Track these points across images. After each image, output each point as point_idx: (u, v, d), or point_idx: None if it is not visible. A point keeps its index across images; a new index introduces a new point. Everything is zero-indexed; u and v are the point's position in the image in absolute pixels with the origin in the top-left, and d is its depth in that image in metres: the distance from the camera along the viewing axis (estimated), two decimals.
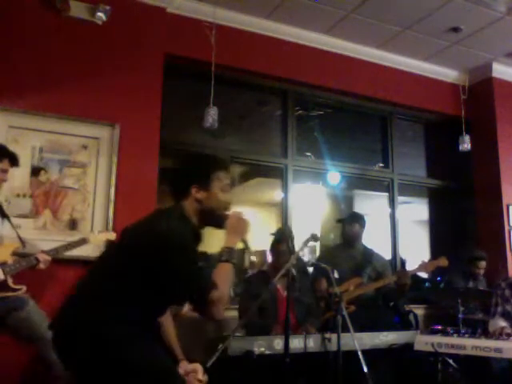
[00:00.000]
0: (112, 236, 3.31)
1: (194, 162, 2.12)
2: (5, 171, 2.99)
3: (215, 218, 2.01)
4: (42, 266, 2.92)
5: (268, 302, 3.54)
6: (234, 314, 3.75)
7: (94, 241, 3.24)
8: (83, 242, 3.18)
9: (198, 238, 1.99)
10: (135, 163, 3.83)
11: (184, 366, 2.18)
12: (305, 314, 3.62)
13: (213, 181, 2.00)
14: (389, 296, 4.18)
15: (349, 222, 4.24)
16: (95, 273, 1.95)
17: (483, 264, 4.65)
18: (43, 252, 2.98)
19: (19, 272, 2.90)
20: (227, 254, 1.92)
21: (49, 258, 2.96)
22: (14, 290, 2.87)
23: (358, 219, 4.25)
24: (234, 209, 2.06)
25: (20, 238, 3.04)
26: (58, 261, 3.15)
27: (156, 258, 1.80)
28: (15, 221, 3.39)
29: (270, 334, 3.22)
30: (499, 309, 3.66)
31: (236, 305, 3.78)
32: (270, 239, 3.89)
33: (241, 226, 2.02)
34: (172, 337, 2.34)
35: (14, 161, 3.03)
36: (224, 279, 1.85)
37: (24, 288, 2.90)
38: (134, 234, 1.95)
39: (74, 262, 3.40)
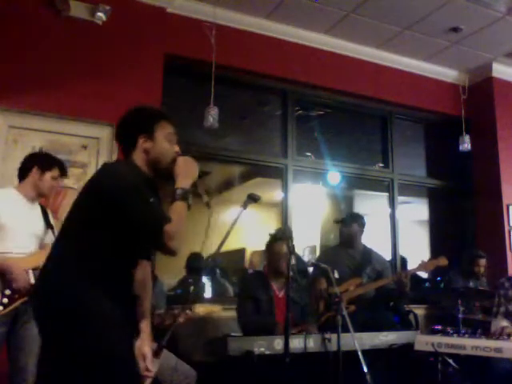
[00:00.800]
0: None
1: (137, 113, 2.12)
2: (55, 179, 2.96)
3: (163, 166, 2.04)
4: None
5: (264, 300, 3.54)
6: (233, 314, 3.76)
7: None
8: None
9: (152, 188, 1.99)
10: None
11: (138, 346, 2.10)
12: (300, 314, 3.62)
13: (157, 130, 2.04)
14: (389, 296, 4.18)
15: (346, 223, 4.24)
16: (60, 235, 1.98)
17: (483, 262, 4.64)
18: None
19: None
20: (181, 194, 1.91)
21: None
22: None
23: (356, 219, 4.25)
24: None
25: None
26: None
27: (107, 201, 1.83)
28: None
29: (274, 334, 3.22)
30: (502, 309, 3.65)
31: (234, 305, 3.78)
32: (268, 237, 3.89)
33: (190, 169, 2.04)
34: (142, 309, 2.19)
35: (63, 170, 3.01)
36: (178, 216, 1.85)
37: None
38: (83, 189, 1.98)
39: None
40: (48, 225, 3.01)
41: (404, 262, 5.50)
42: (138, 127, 2.04)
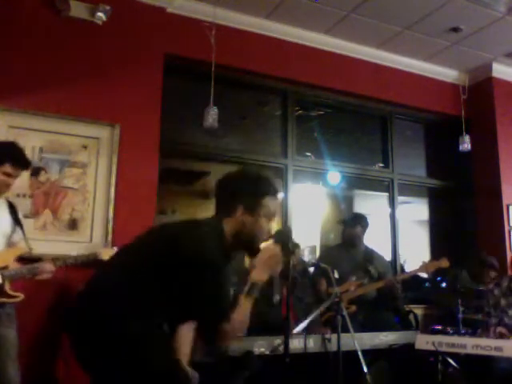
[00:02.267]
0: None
1: (247, 181, 1.96)
2: (8, 175, 2.84)
3: (252, 244, 1.91)
4: (44, 275, 2.84)
5: (260, 304, 3.55)
6: None
7: (106, 256, 3.07)
8: (94, 256, 3.07)
9: (227, 260, 1.88)
10: (135, 163, 3.83)
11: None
12: (306, 313, 3.63)
13: (261, 206, 1.90)
14: (386, 298, 4.18)
15: (350, 224, 4.23)
16: (117, 268, 1.86)
17: (493, 274, 4.60)
18: (49, 262, 2.88)
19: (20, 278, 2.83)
20: (254, 290, 1.80)
21: (53, 268, 2.87)
22: (10, 297, 2.78)
23: (359, 221, 4.24)
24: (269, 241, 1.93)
25: (28, 244, 2.96)
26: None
27: (183, 269, 1.71)
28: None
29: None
30: (493, 320, 3.64)
31: None
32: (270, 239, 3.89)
33: (273, 262, 1.89)
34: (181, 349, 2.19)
35: (17, 165, 2.86)
36: (242, 317, 1.75)
37: (21, 296, 2.81)
38: (163, 236, 1.86)
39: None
40: (16, 221, 2.93)
41: (402, 266, 5.50)
42: (244, 197, 1.90)
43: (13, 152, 2.89)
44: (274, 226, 1.96)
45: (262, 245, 1.91)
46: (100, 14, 3.77)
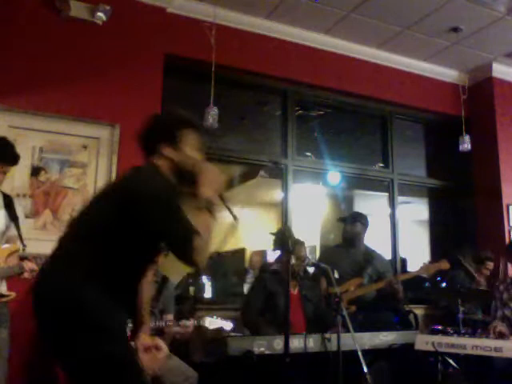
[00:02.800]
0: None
1: (162, 120, 2.11)
2: None
3: (187, 174, 1.98)
4: (26, 275, 2.77)
5: (282, 299, 3.55)
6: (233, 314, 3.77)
7: None
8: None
9: (176, 189, 1.96)
10: (135, 163, 3.80)
11: (143, 341, 2.08)
12: (313, 311, 3.63)
13: (181, 138, 2.00)
14: (386, 299, 4.17)
15: (350, 222, 4.22)
16: (73, 231, 1.91)
17: (492, 265, 4.64)
18: (31, 260, 2.82)
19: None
20: (207, 204, 1.88)
21: (35, 267, 2.80)
22: (2, 296, 2.76)
23: (359, 219, 4.23)
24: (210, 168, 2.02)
25: (22, 241, 2.91)
26: None
27: (139, 209, 1.78)
28: None
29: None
30: (499, 313, 3.65)
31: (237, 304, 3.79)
32: (270, 239, 3.89)
33: (216, 178, 1.97)
34: (143, 300, 2.20)
35: (4, 159, 2.83)
36: (205, 229, 1.81)
37: (12, 295, 2.79)
38: (106, 192, 1.96)
39: None
40: (11, 216, 2.89)
41: (404, 262, 5.51)
42: (162, 135, 2.00)
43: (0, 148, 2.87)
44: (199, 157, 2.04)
45: (202, 166, 2.00)
46: (100, 14, 3.77)
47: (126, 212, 1.79)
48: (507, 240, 5.13)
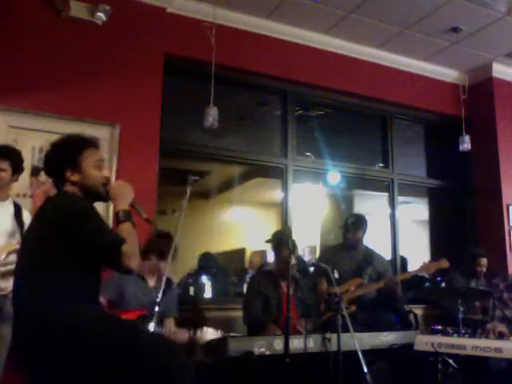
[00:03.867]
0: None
1: (59, 147, 2.14)
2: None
3: (96, 193, 2.13)
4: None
5: (274, 297, 3.57)
6: (237, 313, 3.77)
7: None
8: None
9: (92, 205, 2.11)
10: (135, 163, 3.82)
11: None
12: (306, 313, 3.64)
13: (82, 160, 2.09)
14: (386, 298, 4.17)
15: (353, 229, 4.19)
16: (24, 272, 2.00)
17: (484, 261, 4.62)
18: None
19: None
20: (123, 215, 2.03)
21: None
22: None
23: (362, 225, 4.22)
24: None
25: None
26: None
27: (65, 226, 1.90)
28: None
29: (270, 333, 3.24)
30: (497, 312, 3.64)
31: (238, 304, 3.79)
32: (270, 239, 3.89)
33: (124, 191, 2.14)
34: None
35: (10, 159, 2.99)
36: (130, 236, 1.94)
37: (8, 289, 2.80)
38: (33, 227, 2.07)
39: None
40: (19, 223, 2.99)
41: (404, 262, 5.50)
42: (63, 162, 2.09)
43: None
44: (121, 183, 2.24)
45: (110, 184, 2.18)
46: (100, 14, 3.77)
47: (59, 231, 1.90)
48: (507, 240, 5.14)
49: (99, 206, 2.24)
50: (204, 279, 5.11)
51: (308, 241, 7.28)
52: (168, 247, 3.09)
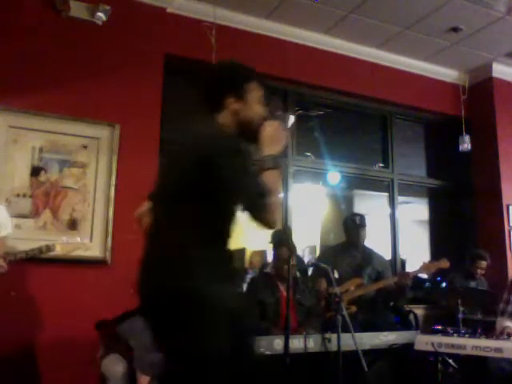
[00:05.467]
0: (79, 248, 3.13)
1: (228, 71, 1.99)
2: None
3: (252, 130, 1.90)
4: None
5: (271, 302, 3.56)
6: None
7: (62, 250, 3.02)
8: (47, 249, 2.98)
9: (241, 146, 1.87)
10: (135, 163, 3.82)
11: None
12: (305, 316, 3.63)
13: (248, 91, 1.93)
14: (389, 297, 4.18)
15: (362, 228, 4.18)
16: (160, 223, 1.84)
17: (483, 264, 4.63)
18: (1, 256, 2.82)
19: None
20: (271, 161, 1.81)
21: (3, 263, 2.80)
22: None
23: (366, 224, 4.21)
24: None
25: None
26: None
27: (215, 173, 1.71)
28: (15, 221, 3.40)
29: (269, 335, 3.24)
30: (510, 307, 3.60)
31: None
32: (269, 240, 3.89)
33: (278, 135, 1.91)
34: None
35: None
36: (275, 186, 1.76)
37: None
38: (181, 154, 1.86)
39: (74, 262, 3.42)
40: None
41: (403, 262, 5.50)
42: (229, 86, 1.91)
43: None
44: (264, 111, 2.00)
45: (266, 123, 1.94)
46: (100, 14, 3.77)
47: (207, 179, 1.72)
48: (507, 240, 5.14)
49: None
50: None
51: (308, 241, 7.28)
52: None
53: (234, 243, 1.87)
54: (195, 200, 1.75)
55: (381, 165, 5.43)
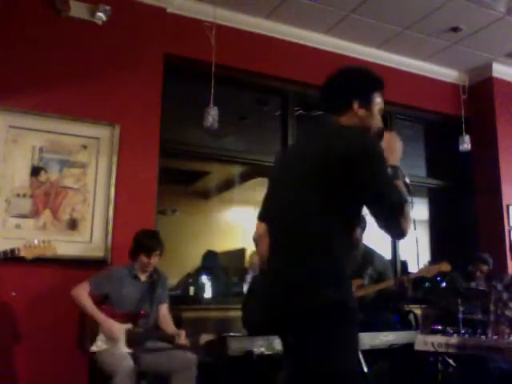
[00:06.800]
0: (53, 251, 2.95)
1: (357, 76, 1.98)
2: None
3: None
4: None
5: None
6: (237, 313, 3.77)
7: (27, 254, 2.84)
8: (12, 253, 2.81)
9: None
10: (135, 163, 3.83)
11: None
12: None
13: (374, 100, 1.94)
14: (389, 299, 4.17)
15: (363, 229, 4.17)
16: (284, 231, 1.76)
17: (485, 268, 4.63)
18: None
19: None
20: (393, 171, 1.77)
21: None
22: None
23: (365, 226, 4.20)
24: None
25: None
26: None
27: (358, 169, 1.65)
28: (15, 221, 3.41)
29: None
30: (492, 317, 3.60)
31: (237, 304, 3.79)
32: None
33: (396, 145, 1.92)
34: None
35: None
36: (405, 193, 1.74)
37: None
38: (311, 156, 1.76)
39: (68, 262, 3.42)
40: None
41: (405, 264, 5.50)
42: (358, 92, 1.91)
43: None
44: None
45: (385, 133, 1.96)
46: (100, 14, 3.77)
47: (347, 176, 1.65)
48: (507, 240, 5.14)
49: None
50: (204, 279, 5.11)
51: None
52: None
53: (233, 243, 1.84)
54: (330, 207, 1.68)
55: None
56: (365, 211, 1.81)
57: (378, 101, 1.96)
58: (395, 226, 1.71)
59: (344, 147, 1.68)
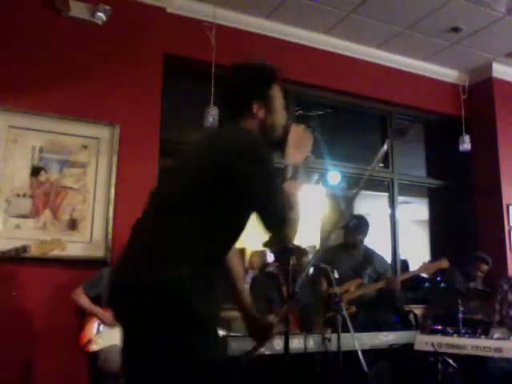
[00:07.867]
0: (63, 248, 3.03)
1: (251, 75, 1.83)
2: None
3: (277, 137, 1.80)
4: None
5: (277, 301, 3.58)
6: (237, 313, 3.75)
7: (37, 250, 2.88)
8: (23, 250, 2.85)
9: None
10: (135, 163, 3.83)
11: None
12: (304, 312, 3.64)
13: (272, 95, 1.80)
14: (383, 298, 4.17)
15: (354, 233, 4.19)
16: (152, 211, 1.67)
17: (485, 268, 4.63)
18: None
19: None
20: (294, 171, 1.71)
21: None
22: None
23: (362, 228, 4.21)
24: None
25: None
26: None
27: (239, 170, 1.54)
28: (15, 221, 3.41)
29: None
30: (497, 317, 3.62)
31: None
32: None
33: (303, 141, 1.84)
34: (237, 275, 2.03)
35: None
36: (295, 197, 1.64)
37: None
38: (199, 152, 1.66)
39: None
40: None
41: (405, 263, 5.50)
42: (254, 92, 1.77)
43: None
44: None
45: (290, 129, 1.84)
46: (100, 14, 3.77)
47: (223, 176, 1.54)
48: (507, 240, 5.14)
49: None
50: None
51: (308, 241, 7.27)
52: None
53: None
54: (206, 202, 1.56)
55: (381, 165, 5.43)
56: (365, 211, 1.80)
57: (276, 95, 1.82)
58: (279, 233, 1.64)
59: (223, 148, 1.60)
